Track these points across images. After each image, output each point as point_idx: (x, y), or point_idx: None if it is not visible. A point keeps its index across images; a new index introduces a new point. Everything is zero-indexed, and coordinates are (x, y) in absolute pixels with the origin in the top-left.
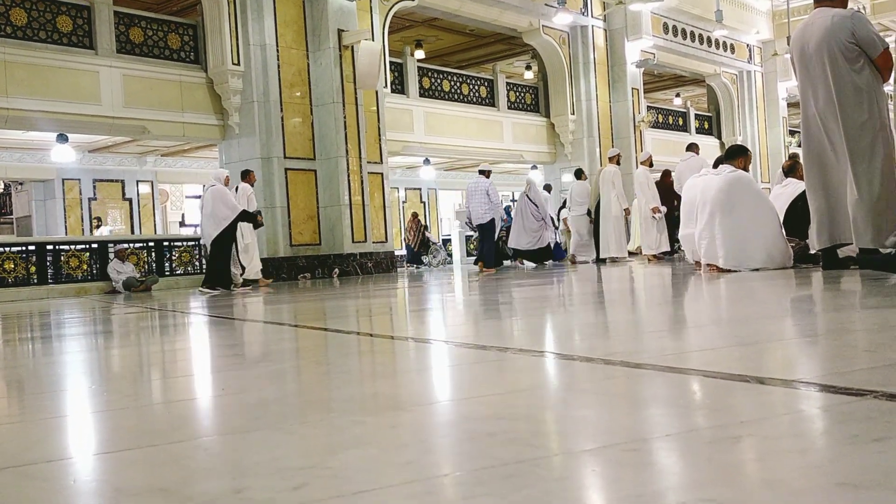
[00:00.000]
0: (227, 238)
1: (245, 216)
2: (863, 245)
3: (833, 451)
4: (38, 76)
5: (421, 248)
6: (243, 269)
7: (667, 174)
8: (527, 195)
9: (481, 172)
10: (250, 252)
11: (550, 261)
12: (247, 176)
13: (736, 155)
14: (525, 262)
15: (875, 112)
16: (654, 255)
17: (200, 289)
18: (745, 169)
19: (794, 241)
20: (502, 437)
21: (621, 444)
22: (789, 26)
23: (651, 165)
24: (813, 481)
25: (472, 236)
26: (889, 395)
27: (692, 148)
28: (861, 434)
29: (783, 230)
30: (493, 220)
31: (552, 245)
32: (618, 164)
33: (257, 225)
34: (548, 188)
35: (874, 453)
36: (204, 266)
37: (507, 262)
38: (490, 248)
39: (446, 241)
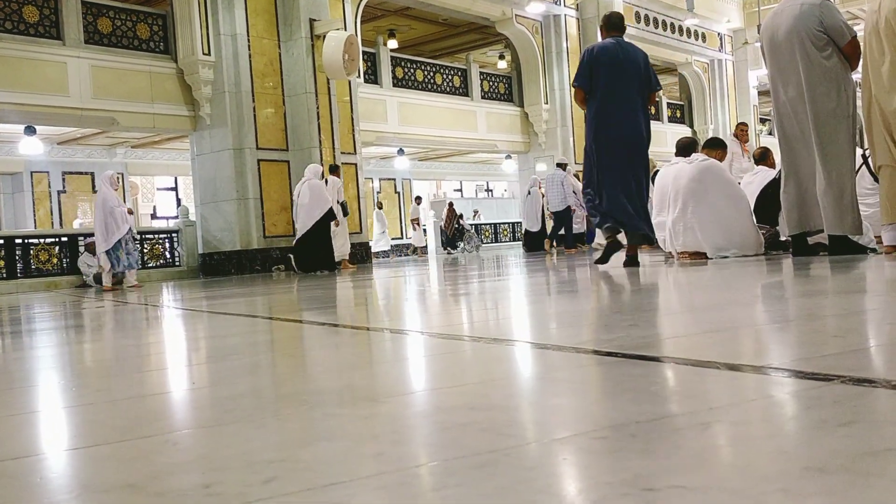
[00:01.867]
0: (325, 227)
1: (333, 210)
2: (832, 232)
3: (801, 436)
4: (4, 67)
5: (455, 234)
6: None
7: None
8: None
9: (559, 165)
10: (340, 236)
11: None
12: (335, 170)
13: (717, 146)
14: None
15: (844, 100)
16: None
17: (316, 272)
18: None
19: (764, 229)
20: (475, 427)
21: (592, 432)
22: (759, 15)
23: None
24: (781, 466)
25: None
26: (856, 379)
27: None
28: (829, 419)
29: (754, 217)
30: (568, 208)
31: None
32: None
33: (346, 212)
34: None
35: (841, 437)
36: (178, 258)
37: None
38: (569, 232)
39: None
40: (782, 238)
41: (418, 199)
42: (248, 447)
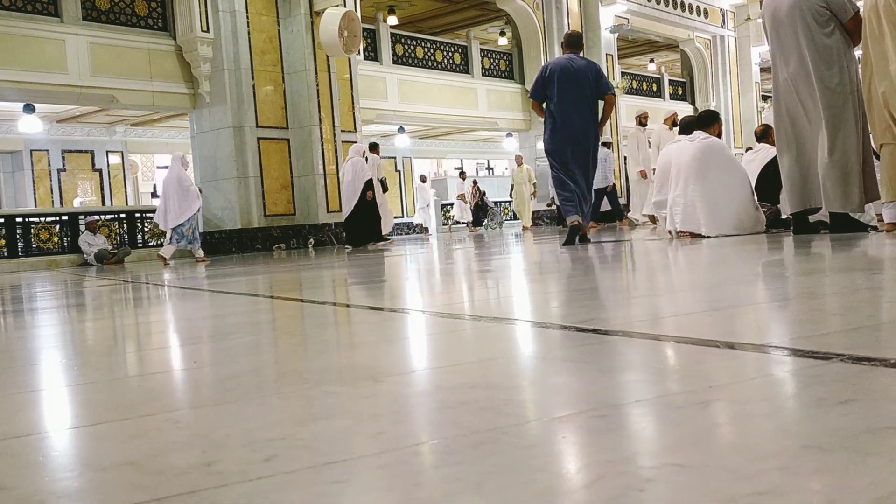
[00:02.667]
0: (369, 202)
1: (371, 184)
2: (833, 210)
3: (800, 414)
4: (2, 45)
5: (478, 211)
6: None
7: None
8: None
9: (604, 144)
10: (384, 211)
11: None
12: (375, 148)
13: (710, 122)
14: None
15: (846, 75)
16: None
17: (369, 246)
18: (718, 135)
19: (765, 207)
20: (474, 406)
21: (592, 411)
22: None
23: (643, 124)
24: (779, 444)
25: (446, 205)
26: (855, 357)
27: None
28: (827, 397)
29: (755, 196)
30: (613, 185)
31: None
32: (640, 124)
33: (385, 189)
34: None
35: (839, 416)
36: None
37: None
38: (616, 206)
39: (421, 210)
40: (783, 216)
41: (423, 178)
42: (248, 426)
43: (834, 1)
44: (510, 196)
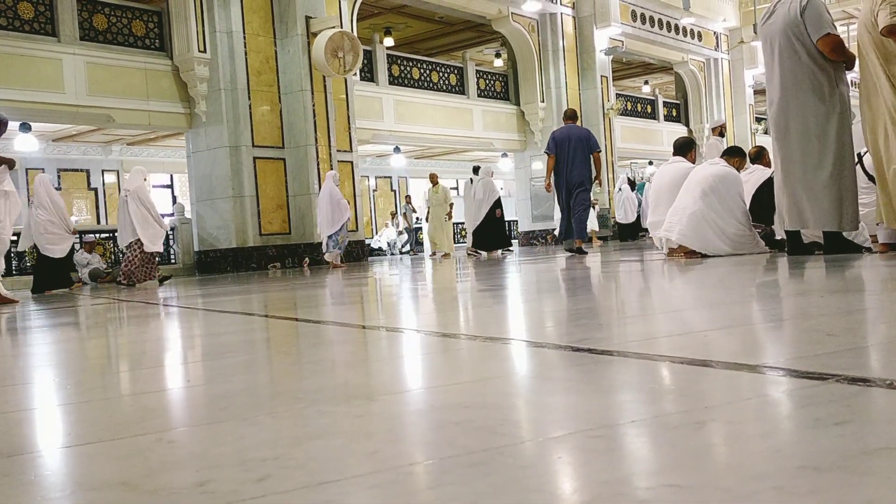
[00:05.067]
0: (493, 216)
1: (500, 202)
2: (826, 228)
3: (795, 434)
4: None
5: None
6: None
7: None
8: None
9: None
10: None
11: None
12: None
13: (736, 154)
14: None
15: (835, 95)
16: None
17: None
18: (739, 168)
19: (759, 227)
20: (469, 426)
21: (587, 431)
22: (755, 14)
23: (722, 134)
24: (775, 465)
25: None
26: (850, 378)
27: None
28: (823, 418)
29: (750, 217)
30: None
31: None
32: (719, 134)
33: (498, 206)
34: (632, 185)
35: (835, 437)
36: (173, 255)
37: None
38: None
39: (418, 230)
40: (777, 237)
41: (408, 199)
42: (241, 445)
43: (809, 16)
44: (425, 220)
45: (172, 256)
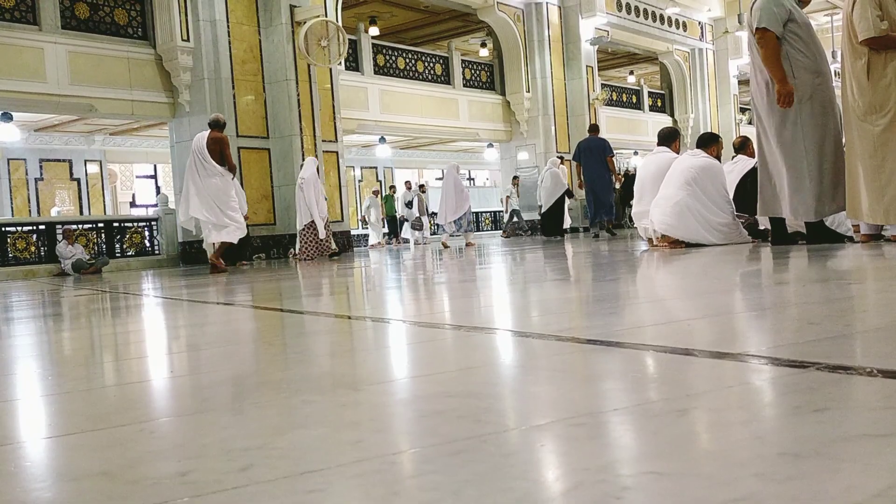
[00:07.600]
0: (560, 204)
1: (571, 191)
2: (805, 220)
3: (776, 422)
4: None
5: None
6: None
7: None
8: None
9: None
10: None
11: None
12: (562, 160)
13: (711, 142)
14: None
15: (798, 83)
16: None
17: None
18: (717, 157)
19: (743, 218)
20: (452, 414)
21: (570, 419)
22: (740, 4)
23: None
24: (755, 452)
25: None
26: (831, 366)
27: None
28: (803, 405)
29: (734, 206)
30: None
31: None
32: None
33: (570, 195)
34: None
35: (814, 424)
36: (157, 246)
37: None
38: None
39: (404, 221)
40: (761, 227)
41: (422, 187)
42: (225, 435)
43: (755, 7)
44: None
45: (156, 247)
